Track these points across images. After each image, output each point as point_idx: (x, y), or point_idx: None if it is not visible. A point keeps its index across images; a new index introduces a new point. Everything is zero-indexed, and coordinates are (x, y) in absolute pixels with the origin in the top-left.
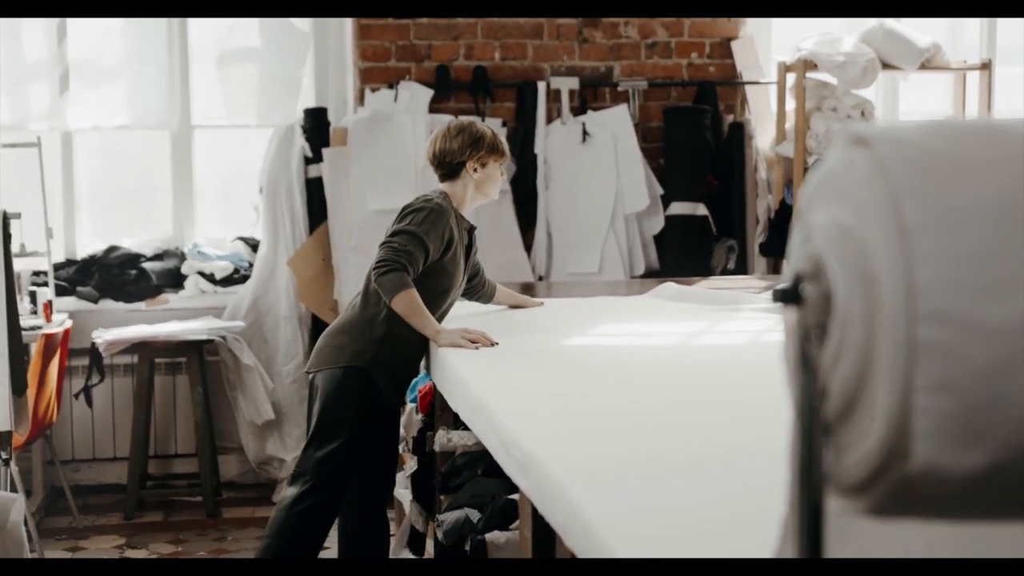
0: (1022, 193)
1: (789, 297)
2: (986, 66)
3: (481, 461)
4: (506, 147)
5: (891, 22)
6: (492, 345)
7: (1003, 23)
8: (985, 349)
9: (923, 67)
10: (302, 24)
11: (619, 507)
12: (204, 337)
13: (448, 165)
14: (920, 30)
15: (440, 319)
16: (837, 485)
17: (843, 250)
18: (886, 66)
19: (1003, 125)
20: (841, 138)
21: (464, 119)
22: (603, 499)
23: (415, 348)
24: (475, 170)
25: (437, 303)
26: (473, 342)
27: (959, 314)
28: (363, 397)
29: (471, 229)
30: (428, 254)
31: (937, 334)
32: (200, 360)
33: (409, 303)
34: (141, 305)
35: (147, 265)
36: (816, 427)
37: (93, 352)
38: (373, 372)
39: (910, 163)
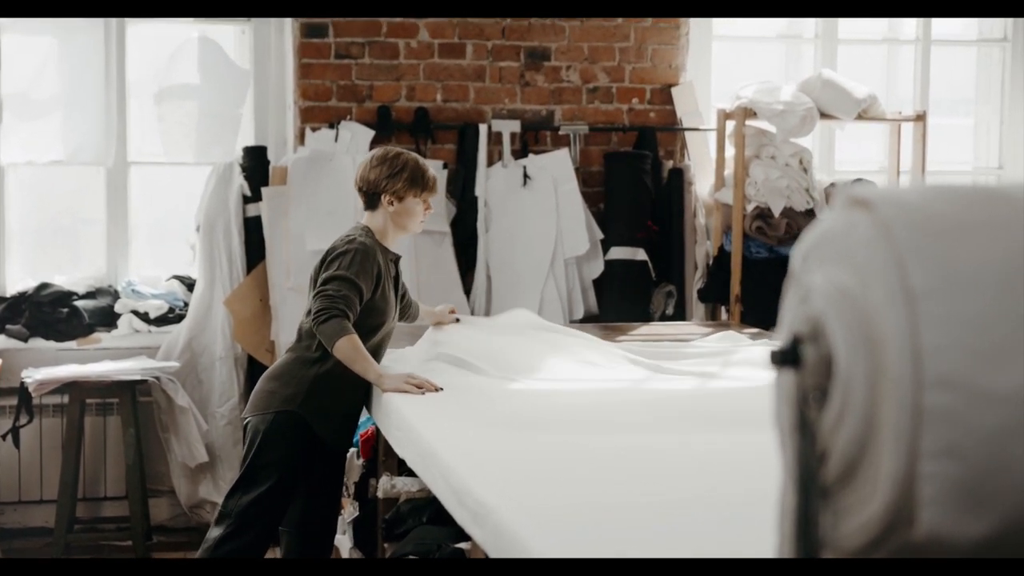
0: None
1: (788, 359)
2: (920, 117)
3: (426, 508)
4: (431, 181)
5: (829, 73)
6: (437, 390)
7: (936, 77)
8: (992, 414)
9: (860, 117)
10: (242, 61)
11: (578, 556)
12: (137, 377)
13: (366, 195)
14: (857, 81)
15: (377, 353)
16: (835, 550)
17: (844, 312)
18: (824, 115)
19: (1003, 189)
20: (839, 199)
21: (393, 148)
22: (562, 549)
23: (352, 386)
24: (391, 203)
25: (370, 338)
26: (418, 387)
27: (966, 379)
28: (293, 443)
29: (396, 260)
30: (362, 296)
31: (944, 399)
32: (133, 401)
33: (350, 349)
34: (72, 344)
35: (79, 303)
36: (813, 491)
37: (22, 392)
38: (307, 416)
39: (914, 226)
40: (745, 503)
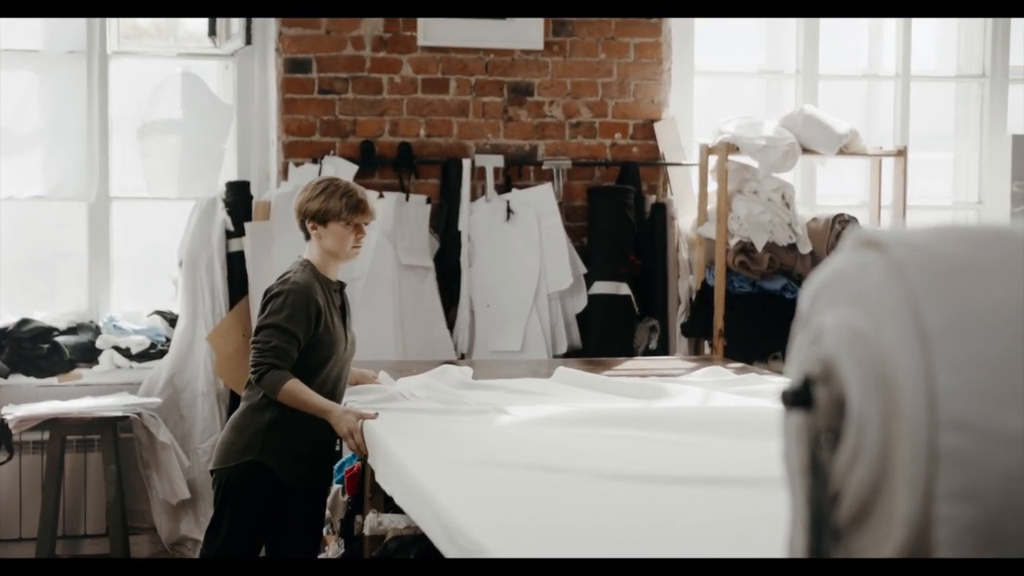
0: None
1: (799, 400)
2: (901, 153)
3: (414, 546)
4: (355, 204)
5: (811, 108)
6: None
7: (915, 112)
8: (1008, 456)
9: (841, 152)
10: (225, 96)
11: None
12: (119, 413)
13: (299, 224)
14: (838, 116)
15: (335, 385)
16: None
17: (857, 353)
18: (806, 151)
19: (1010, 229)
20: (849, 240)
21: (327, 176)
22: None
23: (314, 425)
24: (314, 229)
25: (322, 371)
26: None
27: (981, 421)
28: (257, 491)
29: (340, 288)
30: (299, 338)
31: (959, 441)
32: (114, 437)
33: (294, 395)
34: (54, 380)
35: (60, 339)
36: (825, 532)
37: (2, 428)
38: (267, 461)
39: (926, 267)
40: (751, 537)
